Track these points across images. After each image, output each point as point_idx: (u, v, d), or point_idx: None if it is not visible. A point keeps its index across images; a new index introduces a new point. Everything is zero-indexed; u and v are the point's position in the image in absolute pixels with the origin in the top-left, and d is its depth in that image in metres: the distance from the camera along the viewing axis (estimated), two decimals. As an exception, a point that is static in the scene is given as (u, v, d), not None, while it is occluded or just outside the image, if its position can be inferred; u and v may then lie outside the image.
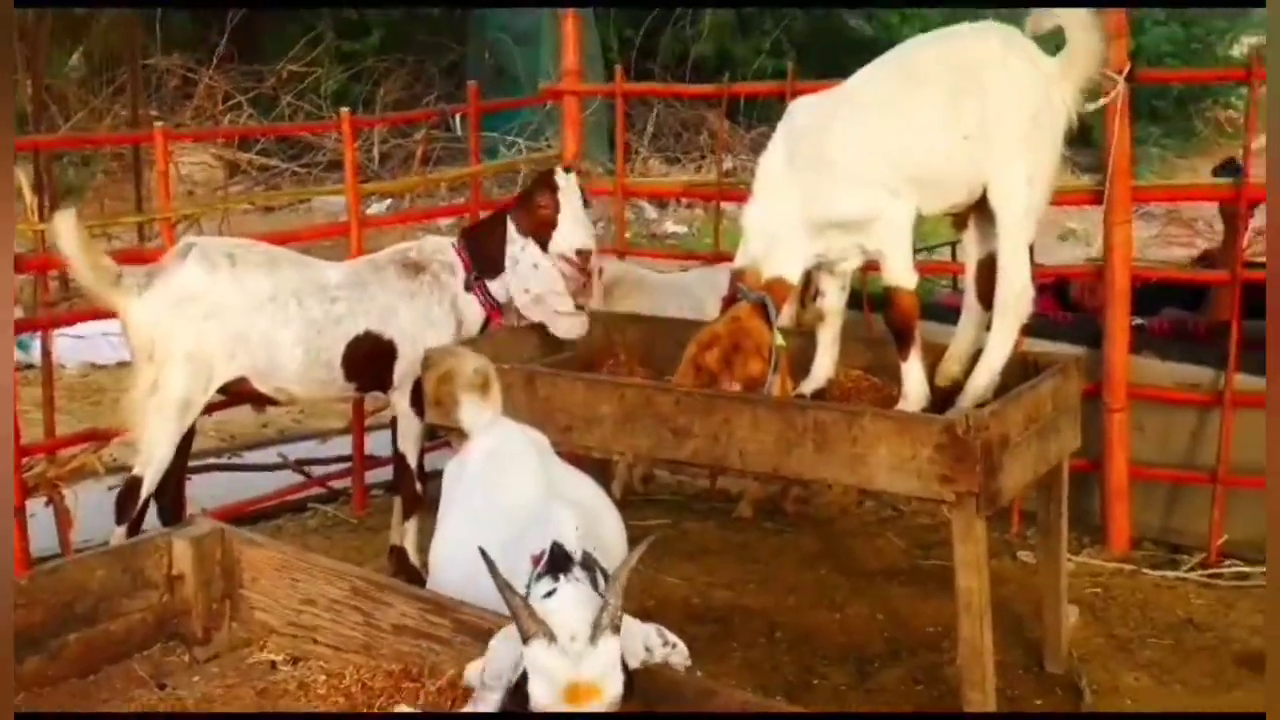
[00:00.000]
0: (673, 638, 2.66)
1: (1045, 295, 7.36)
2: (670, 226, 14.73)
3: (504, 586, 2.48)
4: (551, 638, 2.44)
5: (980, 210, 4.47)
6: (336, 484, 6.51)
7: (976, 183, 4.37)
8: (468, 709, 2.60)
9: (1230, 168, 7.08)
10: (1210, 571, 5.43)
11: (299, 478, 6.54)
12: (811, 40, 18.89)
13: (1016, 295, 4.40)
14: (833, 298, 4.60)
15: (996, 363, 4.42)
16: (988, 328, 4.50)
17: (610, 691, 2.45)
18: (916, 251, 4.61)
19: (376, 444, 6.28)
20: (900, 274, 4.36)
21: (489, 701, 2.55)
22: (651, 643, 2.62)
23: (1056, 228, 12.09)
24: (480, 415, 3.61)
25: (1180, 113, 19.20)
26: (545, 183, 5.16)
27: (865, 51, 5.32)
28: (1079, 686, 4.55)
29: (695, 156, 16.81)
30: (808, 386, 4.62)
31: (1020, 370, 4.47)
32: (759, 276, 4.40)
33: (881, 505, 6.17)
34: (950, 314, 4.95)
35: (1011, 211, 4.36)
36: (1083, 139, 6.08)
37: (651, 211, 15.33)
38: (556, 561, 2.67)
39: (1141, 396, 5.62)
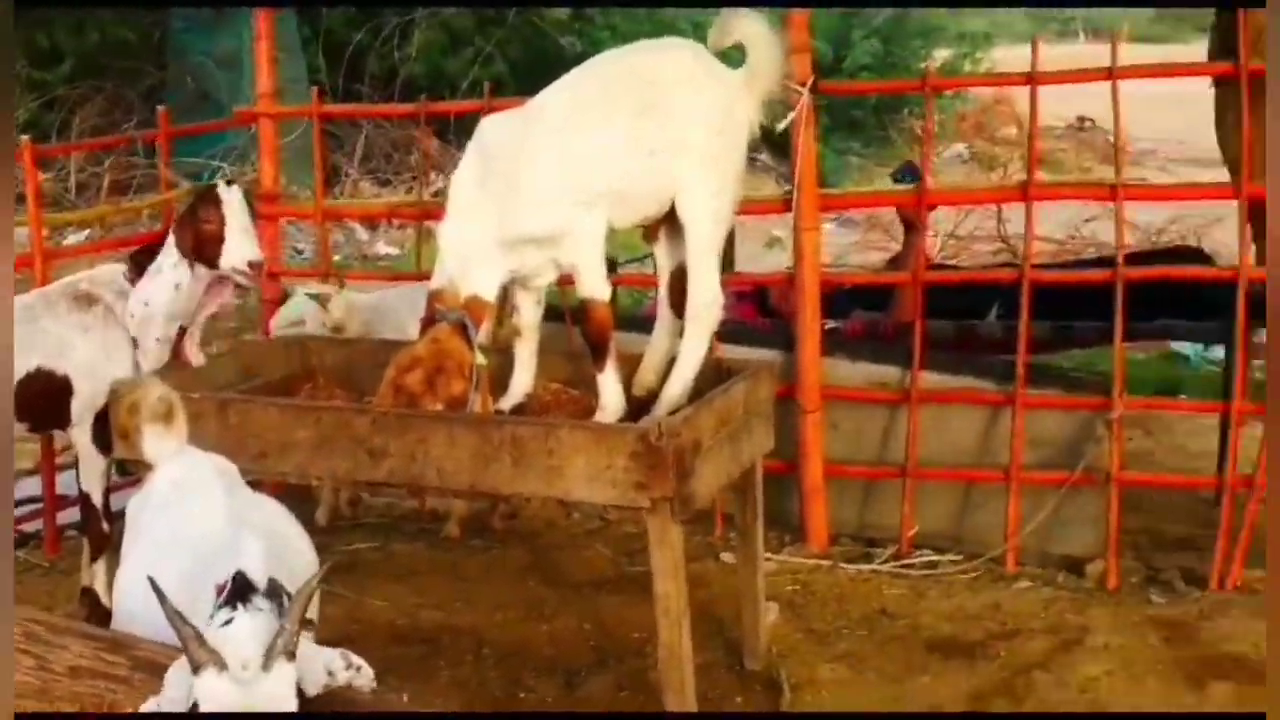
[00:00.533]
0: (358, 660, 2.64)
1: (746, 302, 7.59)
2: (382, 248, 14.60)
3: (173, 615, 2.43)
4: (222, 666, 2.40)
5: (670, 222, 4.57)
6: (27, 526, 6.22)
7: (665, 196, 4.45)
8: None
9: (907, 172, 7.41)
10: (903, 562, 5.65)
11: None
12: (524, 58, 19.03)
13: (706, 304, 4.51)
14: (528, 313, 4.63)
15: (689, 371, 4.51)
16: (681, 336, 4.62)
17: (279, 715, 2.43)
18: (627, 263, 4.69)
19: (68, 483, 6.07)
20: (594, 287, 4.41)
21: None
22: (334, 666, 2.60)
23: (763, 236, 12.41)
24: (164, 446, 3.50)
25: (878, 123, 20.04)
26: (208, 198, 5.04)
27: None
28: (778, 682, 4.68)
29: (406, 177, 16.69)
30: (507, 402, 4.63)
31: (715, 377, 4.56)
32: (457, 296, 4.40)
33: (589, 516, 6.24)
34: (652, 324, 5.04)
35: (699, 223, 4.46)
36: (784, 150, 6.27)
37: (363, 233, 15.18)
38: (238, 591, 2.63)
39: (834, 397, 5.80)
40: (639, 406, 4.57)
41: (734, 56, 4.52)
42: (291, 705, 2.43)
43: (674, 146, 4.38)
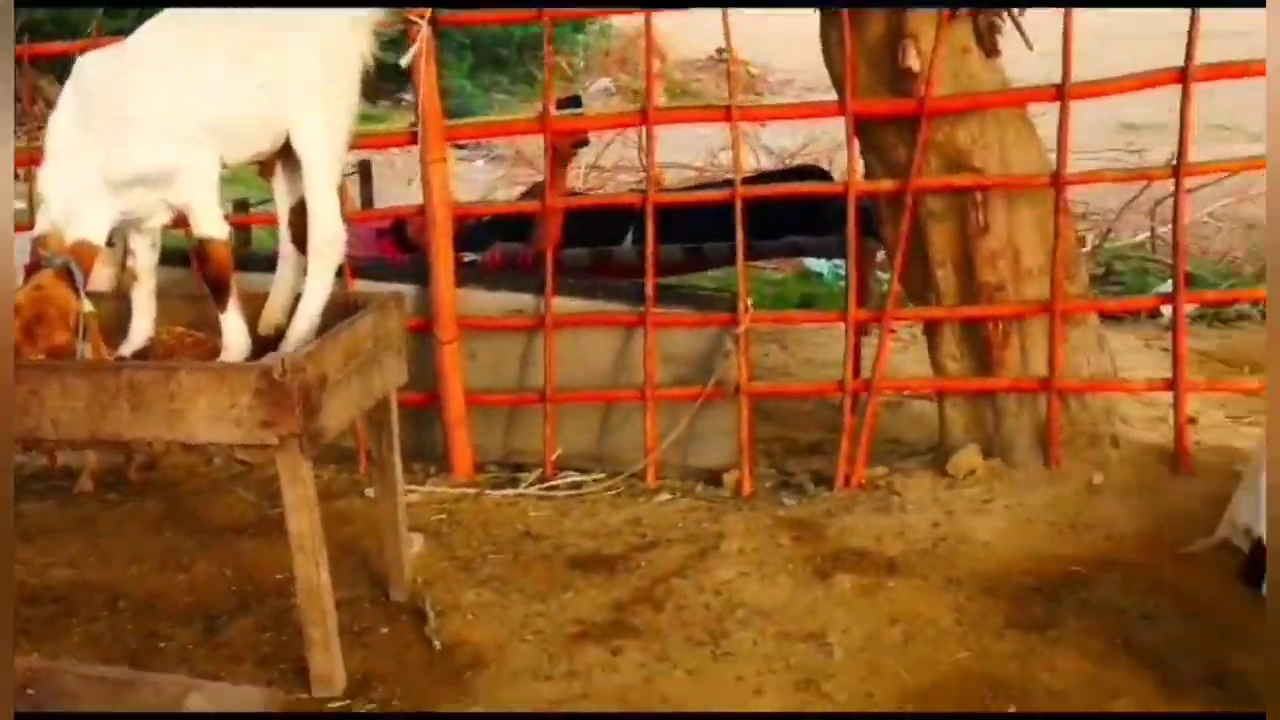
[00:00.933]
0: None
1: (385, 238, 7.56)
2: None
3: None
4: None
5: (286, 158, 4.52)
6: None
7: (278, 130, 4.39)
8: None
9: (571, 102, 7.50)
10: (548, 485, 5.75)
11: None
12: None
13: (328, 240, 4.48)
14: (144, 256, 4.49)
15: (315, 307, 4.47)
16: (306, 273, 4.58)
17: None
18: (260, 204, 4.59)
19: None
20: (209, 226, 4.32)
21: None
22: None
23: (411, 173, 12.30)
24: None
25: (521, 60, 20.10)
26: None
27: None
28: (423, 610, 4.71)
29: (31, 126, 15.90)
30: (127, 348, 4.48)
31: (344, 311, 4.50)
32: (62, 241, 4.23)
33: (229, 463, 6.12)
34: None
35: (315, 157, 4.42)
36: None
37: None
38: None
39: (471, 326, 5.83)
40: (267, 345, 4.49)
41: None
42: None
43: (284, 80, 4.34)
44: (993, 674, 4.17)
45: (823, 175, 7.35)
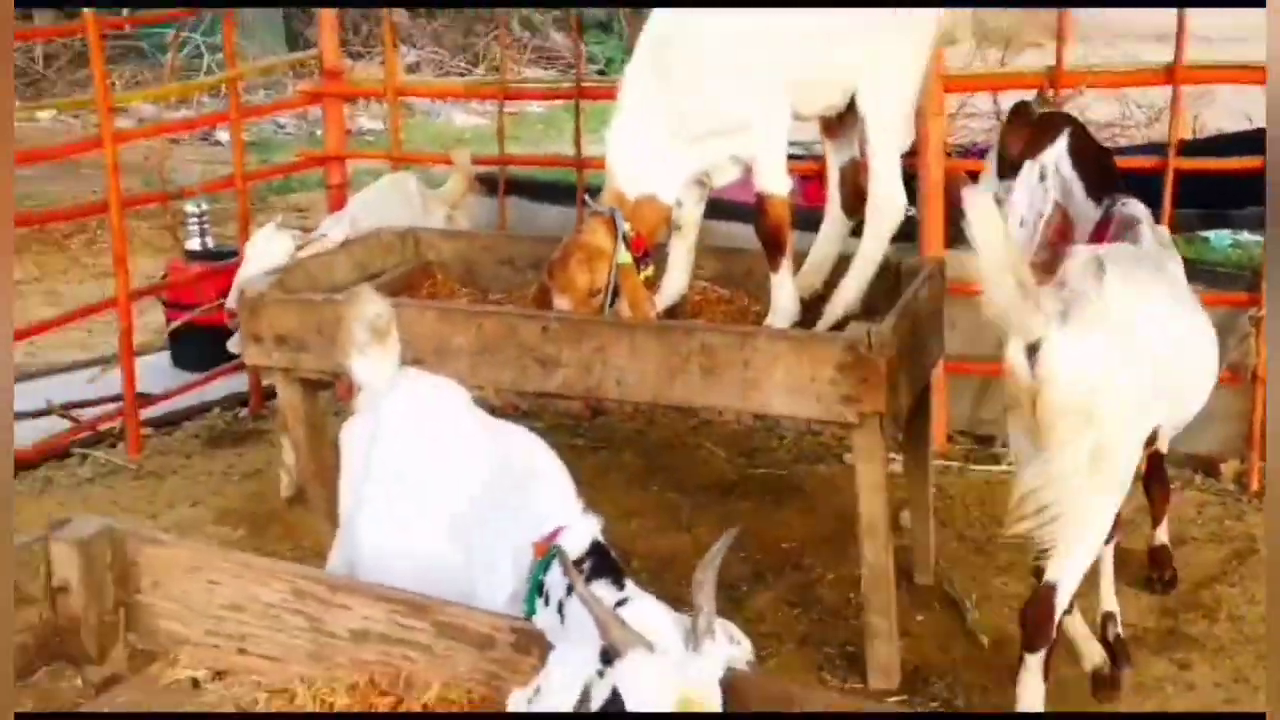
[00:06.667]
0: (736, 632, 2.28)
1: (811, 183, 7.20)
2: (365, 123, 13.90)
3: (589, 598, 2.08)
4: (649, 647, 2.06)
5: (846, 116, 4.20)
6: (103, 426, 5.77)
7: (849, 85, 4.08)
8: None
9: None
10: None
11: (54, 421, 5.77)
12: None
13: (888, 196, 4.15)
14: (691, 208, 4.22)
15: (868, 269, 4.17)
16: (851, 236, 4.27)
17: (716, 700, 2.08)
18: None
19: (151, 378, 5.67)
20: (773, 180, 4.02)
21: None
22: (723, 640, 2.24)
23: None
24: (381, 368, 3.07)
25: None
26: None
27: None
28: (954, 598, 4.38)
29: (378, 50, 16.05)
30: (661, 302, 4.24)
31: (881, 278, 4.22)
32: (623, 196, 4.00)
33: (687, 413, 5.88)
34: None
35: (880, 115, 4.10)
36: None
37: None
38: (608, 566, 2.29)
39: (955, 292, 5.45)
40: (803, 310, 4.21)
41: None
42: (719, 692, 2.08)
43: (858, 37, 4.01)
44: None
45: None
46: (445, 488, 2.73)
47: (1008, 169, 4.07)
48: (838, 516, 4.75)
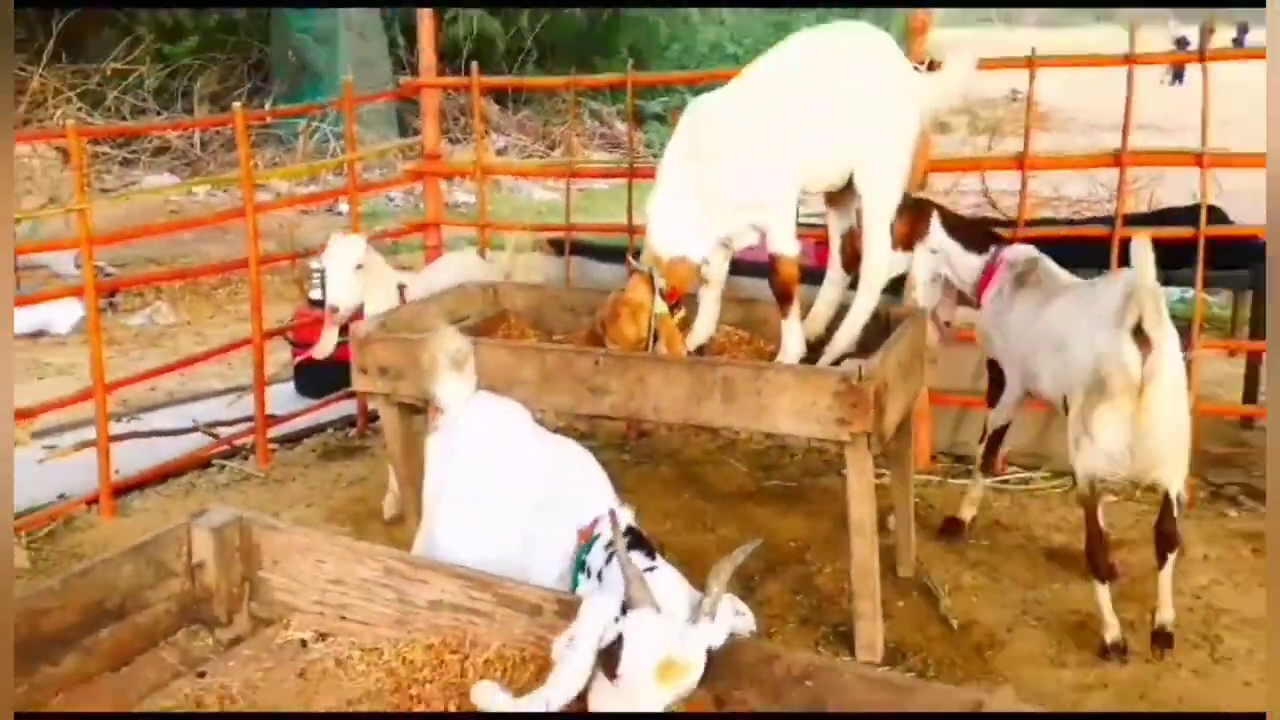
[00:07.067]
0: (742, 606, 2.33)
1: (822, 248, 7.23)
2: (460, 196, 14.09)
3: (624, 557, 2.14)
4: (657, 609, 2.11)
5: (845, 190, 4.25)
6: (238, 441, 5.87)
7: (847, 168, 4.13)
8: (550, 679, 2.21)
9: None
10: (1000, 478, 5.36)
11: (198, 437, 5.89)
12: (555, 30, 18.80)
13: (877, 265, 4.21)
14: (717, 266, 4.28)
15: (860, 319, 4.22)
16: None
17: (696, 673, 2.12)
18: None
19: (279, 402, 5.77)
20: (783, 244, 4.07)
21: (574, 664, 2.17)
22: (728, 615, 2.29)
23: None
24: (459, 390, 3.16)
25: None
26: None
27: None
28: (929, 587, 4.40)
29: (472, 137, 16.22)
30: (692, 342, 4.30)
31: (876, 324, 4.27)
32: (659, 258, 4.07)
33: (715, 435, 5.93)
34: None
35: (874, 194, 4.14)
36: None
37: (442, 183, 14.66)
38: (641, 541, 2.35)
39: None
40: (808, 351, 4.26)
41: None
42: (701, 665, 2.13)
43: (856, 129, 4.05)
44: None
45: (1225, 217, 6.70)
46: (508, 489, 2.80)
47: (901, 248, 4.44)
48: (836, 520, 4.75)
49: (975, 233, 4.65)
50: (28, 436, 4.83)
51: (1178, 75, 26.74)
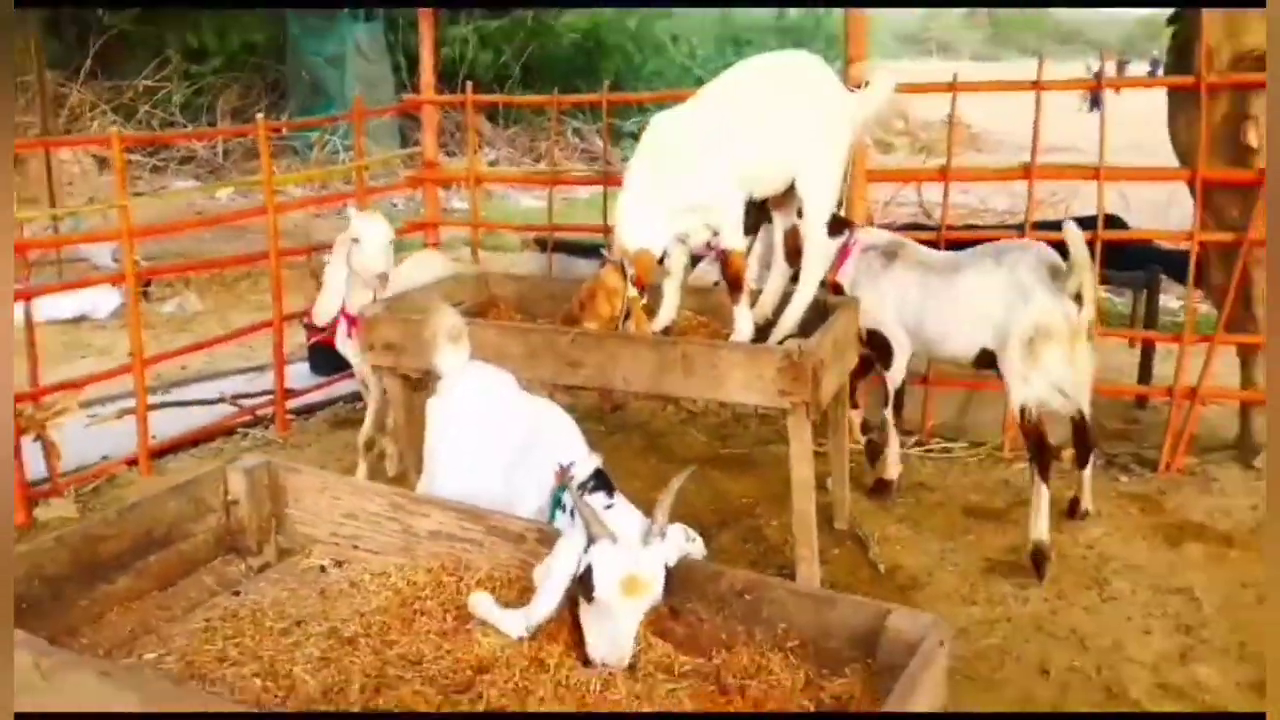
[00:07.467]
0: (693, 533, 2.49)
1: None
2: (456, 204, 14.19)
3: (579, 499, 2.30)
4: (614, 539, 2.27)
5: (786, 193, 4.42)
6: (260, 411, 6.01)
7: (788, 177, 4.29)
8: (530, 603, 2.37)
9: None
10: (926, 447, 5.56)
11: (225, 408, 6.02)
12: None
13: (818, 258, 4.38)
14: (677, 259, 4.43)
15: (801, 305, 4.36)
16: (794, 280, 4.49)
17: (657, 586, 2.29)
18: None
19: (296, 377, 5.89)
20: (733, 240, 4.22)
21: (549, 592, 2.34)
22: (679, 539, 2.46)
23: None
24: (456, 361, 3.32)
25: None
26: None
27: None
28: (861, 536, 4.59)
29: (467, 150, 16.28)
30: (657, 325, 4.45)
31: (815, 311, 4.44)
32: (627, 249, 4.22)
33: (679, 409, 6.10)
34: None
35: (814, 198, 4.30)
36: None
37: (440, 191, 14.74)
38: (604, 483, 2.50)
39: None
40: (757, 333, 4.42)
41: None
42: (661, 577, 2.30)
43: (795, 142, 4.21)
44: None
45: (1124, 224, 6.92)
46: (495, 437, 2.95)
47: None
48: (782, 482, 4.82)
49: (837, 222, 4.85)
50: (76, 405, 4.95)
51: (1095, 103, 27.00)
